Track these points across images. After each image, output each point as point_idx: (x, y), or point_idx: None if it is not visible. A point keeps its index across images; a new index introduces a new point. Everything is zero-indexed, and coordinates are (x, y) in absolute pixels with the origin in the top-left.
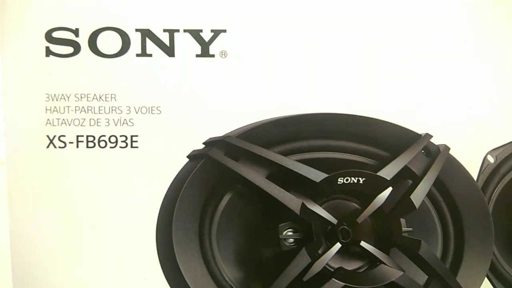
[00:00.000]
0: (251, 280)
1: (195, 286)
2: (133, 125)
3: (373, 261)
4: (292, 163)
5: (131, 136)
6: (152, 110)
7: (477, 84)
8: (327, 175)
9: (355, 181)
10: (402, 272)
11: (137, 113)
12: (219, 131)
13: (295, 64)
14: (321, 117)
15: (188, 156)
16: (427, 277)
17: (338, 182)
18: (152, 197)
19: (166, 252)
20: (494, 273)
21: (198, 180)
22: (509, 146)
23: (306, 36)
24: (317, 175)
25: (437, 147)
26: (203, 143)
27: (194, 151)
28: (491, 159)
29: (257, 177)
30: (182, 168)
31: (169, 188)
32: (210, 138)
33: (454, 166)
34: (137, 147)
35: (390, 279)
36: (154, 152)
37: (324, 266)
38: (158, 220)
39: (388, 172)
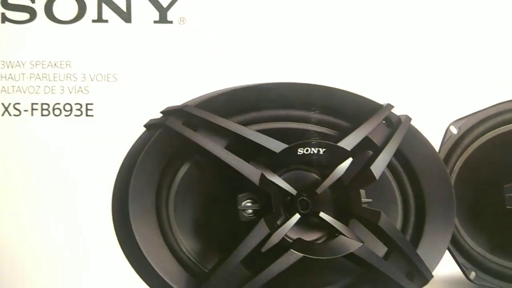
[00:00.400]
0: (209, 251)
1: (152, 257)
2: (88, 92)
3: (332, 232)
4: (251, 133)
5: (86, 104)
6: (108, 77)
7: (441, 53)
8: (287, 146)
9: (315, 151)
10: (361, 244)
11: (92, 80)
12: (178, 100)
13: (255, 33)
14: (281, 86)
15: (145, 125)
16: (386, 248)
17: (298, 153)
18: (108, 167)
19: (122, 223)
20: (456, 246)
21: (155, 150)
22: (473, 116)
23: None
24: (276, 146)
25: (399, 117)
26: (161, 112)
27: (151, 120)
28: (454, 130)
29: (216, 147)
30: (139, 138)
31: (125, 158)
32: (168, 107)
33: (415, 137)
34: (92, 115)
35: (349, 250)
36: (110, 121)
37: (283, 237)
38: (114, 191)
39: (348, 142)
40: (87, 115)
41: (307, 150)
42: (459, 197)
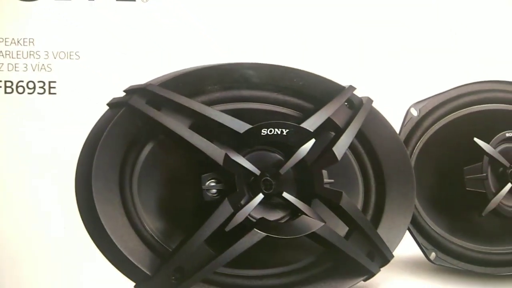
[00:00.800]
0: (173, 230)
1: (116, 236)
2: (51, 70)
3: (295, 212)
4: (215, 113)
5: (49, 82)
6: (70, 55)
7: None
8: (250, 126)
9: (279, 132)
10: (323, 223)
11: (55, 58)
12: (142, 79)
13: (217, 10)
14: (245, 67)
15: (108, 104)
16: (347, 228)
17: (262, 133)
18: (71, 145)
19: (85, 202)
20: (416, 227)
21: (119, 129)
22: (433, 99)
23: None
24: (240, 126)
25: (360, 99)
26: (124, 91)
27: (114, 99)
28: (414, 112)
29: (180, 127)
30: (102, 116)
31: (88, 137)
32: (131, 86)
33: (376, 119)
34: (55, 93)
35: (311, 229)
36: (73, 99)
37: (246, 217)
38: (77, 169)
39: (311, 123)
40: (50, 93)
41: (270, 131)
42: (419, 178)
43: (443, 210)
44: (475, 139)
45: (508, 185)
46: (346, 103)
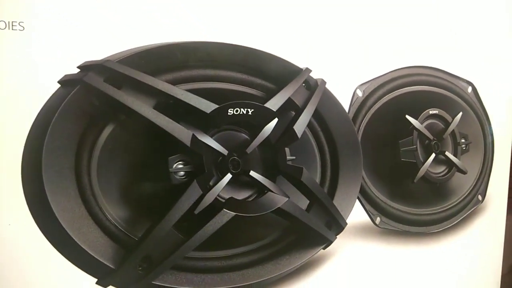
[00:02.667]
0: (138, 218)
1: (72, 229)
2: None
3: (261, 190)
4: (181, 93)
5: None
6: (13, 25)
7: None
8: (217, 106)
9: (244, 112)
10: (287, 198)
11: None
12: (96, 54)
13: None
14: (209, 46)
15: (59, 82)
16: (308, 201)
17: (228, 113)
18: (15, 129)
19: (34, 193)
20: (364, 196)
21: (73, 109)
22: (375, 81)
23: None
24: (207, 106)
25: (315, 80)
26: (78, 67)
27: (66, 75)
28: (359, 93)
29: (143, 107)
30: (53, 95)
31: (36, 119)
32: (85, 62)
33: (330, 99)
34: None
35: (277, 205)
36: (16, 75)
37: (216, 198)
38: (23, 157)
39: (274, 103)
40: None
41: (237, 111)
42: (365, 152)
43: (384, 179)
44: (407, 116)
45: (432, 155)
46: (303, 84)
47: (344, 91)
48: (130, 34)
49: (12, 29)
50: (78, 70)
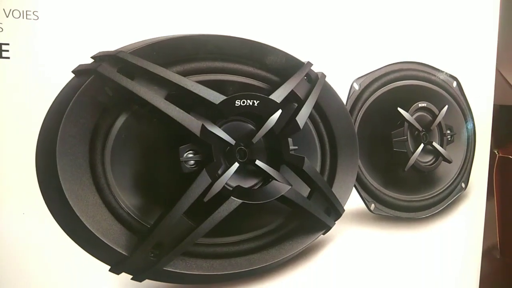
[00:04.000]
0: (150, 206)
1: (87, 217)
2: (2, 31)
3: (266, 178)
4: (191, 84)
5: (1, 45)
6: (27, 14)
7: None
8: (225, 97)
9: (250, 103)
10: (290, 186)
11: (7, 17)
12: (110, 45)
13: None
14: (219, 39)
15: (73, 71)
16: (309, 189)
17: (236, 104)
18: (30, 117)
19: (49, 182)
20: (359, 183)
21: (87, 99)
22: (371, 74)
23: None
24: (216, 97)
25: (316, 74)
26: (92, 57)
27: (80, 65)
28: (356, 86)
29: (156, 98)
30: (67, 85)
31: (51, 108)
32: (100, 52)
33: (329, 92)
34: (8, 57)
35: (280, 193)
36: (30, 64)
37: (224, 186)
38: (38, 145)
39: (278, 95)
40: (2, 56)
41: (243, 102)
42: (361, 142)
43: (379, 167)
44: (398, 108)
45: (421, 146)
46: (305, 77)
47: (341, 84)
48: (141, 25)
49: (26, 18)
50: (92, 60)
